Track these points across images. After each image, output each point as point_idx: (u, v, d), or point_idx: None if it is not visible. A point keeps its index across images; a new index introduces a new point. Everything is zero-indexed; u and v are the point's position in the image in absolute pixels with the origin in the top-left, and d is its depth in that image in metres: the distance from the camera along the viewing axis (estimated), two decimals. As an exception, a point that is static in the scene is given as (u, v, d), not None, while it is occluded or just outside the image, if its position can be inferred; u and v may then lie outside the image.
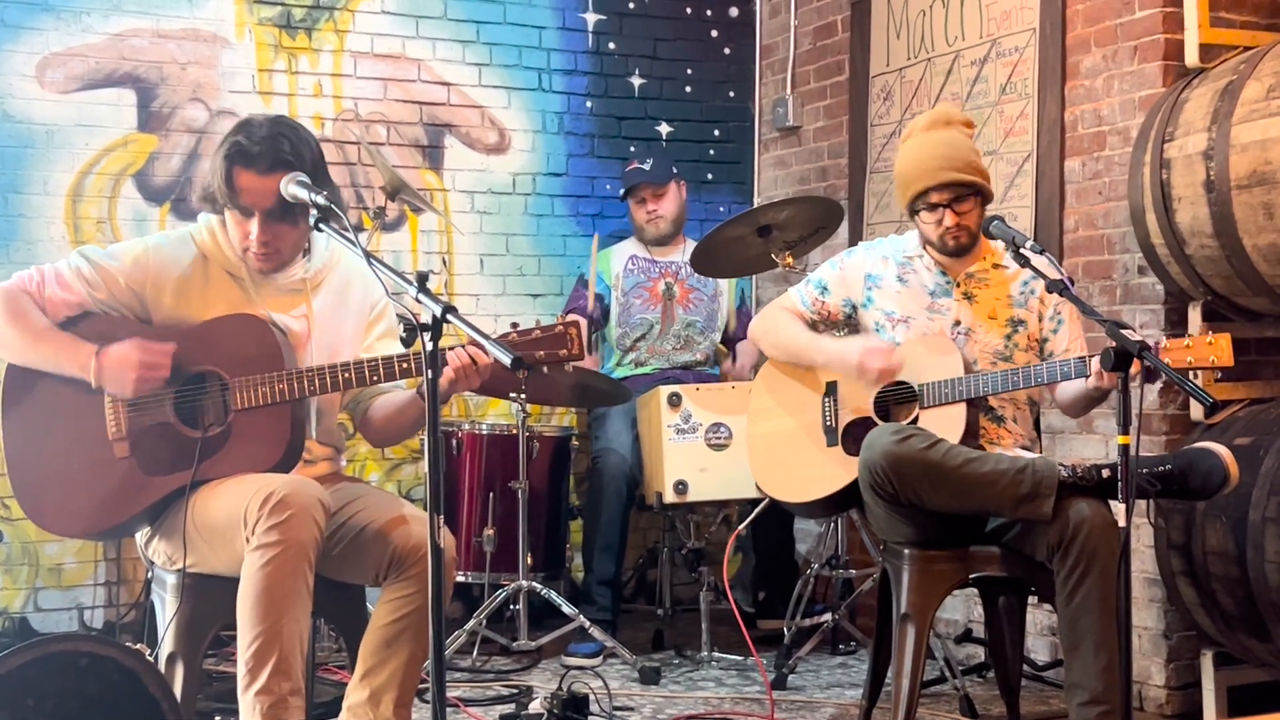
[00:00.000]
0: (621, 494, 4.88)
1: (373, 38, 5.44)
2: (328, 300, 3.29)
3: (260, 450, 3.09)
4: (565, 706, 3.73)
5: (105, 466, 3.12)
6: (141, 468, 3.11)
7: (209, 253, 3.21)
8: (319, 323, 3.26)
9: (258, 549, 2.89)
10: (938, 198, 3.62)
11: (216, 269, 3.21)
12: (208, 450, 3.09)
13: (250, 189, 3.09)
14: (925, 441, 3.37)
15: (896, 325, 3.75)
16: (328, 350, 3.26)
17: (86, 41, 5.01)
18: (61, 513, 3.15)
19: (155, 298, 3.17)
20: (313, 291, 3.27)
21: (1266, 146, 3.66)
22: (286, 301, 3.24)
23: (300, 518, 2.91)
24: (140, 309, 3.19)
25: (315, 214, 2.93)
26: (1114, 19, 4.34)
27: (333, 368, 3.09)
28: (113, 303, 3.17)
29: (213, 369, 3.13)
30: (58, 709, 2.66)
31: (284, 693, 2.89)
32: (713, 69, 6.09)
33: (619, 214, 5.82)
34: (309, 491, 2.96)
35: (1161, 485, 3.36)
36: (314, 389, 3.09)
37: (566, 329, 3.04)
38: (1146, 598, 4.20)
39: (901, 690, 3.46)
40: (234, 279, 3.21)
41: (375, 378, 3.10)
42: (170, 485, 3.09)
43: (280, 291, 3.24)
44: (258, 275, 3.21)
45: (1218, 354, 3.14)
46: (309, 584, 2.94)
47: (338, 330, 3.30)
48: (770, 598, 5.07)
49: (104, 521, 3.16)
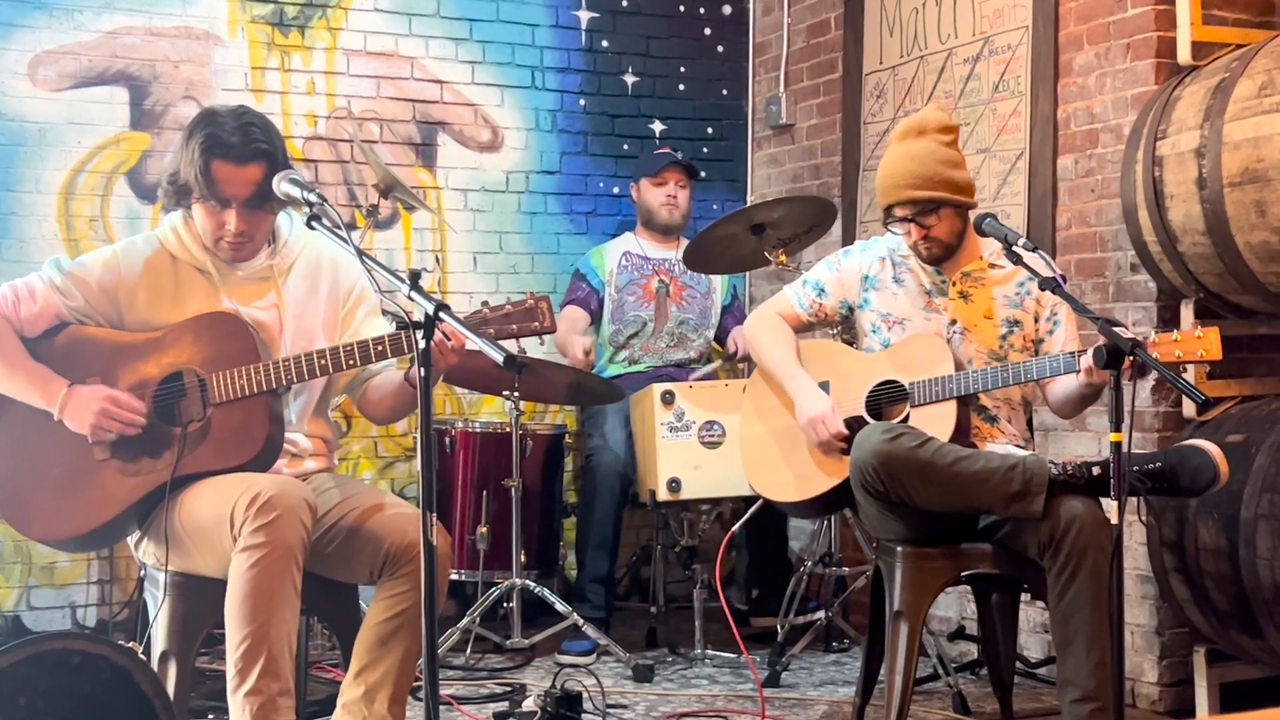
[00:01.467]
0: (615, 492, 4.88)
1: (365, 35, 5.44)
2: (299, 285, 3.31)
3: (239, 444, 3.11)
4: (558, 704, 3.73)
5: (85, 470, 3.15)
6: (121, 469, 3.14)
7: (176, 252, 3.24)
8: (290, 309, 3.28)
9: (244, 550, 2.90)
10: (901, 212, 3.64)
11: (185, 267, 3.24)
12: (188, 446, 3.11)
13: (228, 180, 3.12)
14: (916, 440, 3.37)
15: (893, 327, 3.76)
16: (304, 338, 3.28)
17: (79, 39, 5.00)
18: (46, 519, 3.17)
19: (128, 299, 3.21)
20: (280, 278, 3.28)
21: (1259, 144, 3.66)
22: (255, 290, 3.26)
23: (287, 518, 2.91)
24: (114, 312, 3.22)
25: (308, 211, 2.93)
26: (1106, 16, 4.34)
27: (309, 355, 3.11)
28: (87, 309, 3.21)
29: (189, 367, 3.16)
30: (50, 707, 2.66)
31: (273, 693, 2.90)
32: (706, 67, 6.09)
33: (612, 212, 5.82)
34: (295, 492, 2.97)
35: (1152, 483, 3.36)
36: (291, 377, 3.11)
37: (537, 303, 3.08)
38: (1139, 595, 4.20)
39: (894, 687, 3.46)
40: (202, 274, 3.24)
41: (351, 362, 3.12)
42: (152, 483, 3.11)
43: (248, 280, 3.26)
44: (224, 267, 3.24)
45: (1206, 347, 3.14)
46: (296, 584, 2.95)
47: (311, 316, 3.31)
48: (764, 595, 5.07)
49: (89, 524, 3.16)
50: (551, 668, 4.51)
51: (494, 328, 3.04)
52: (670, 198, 5.35)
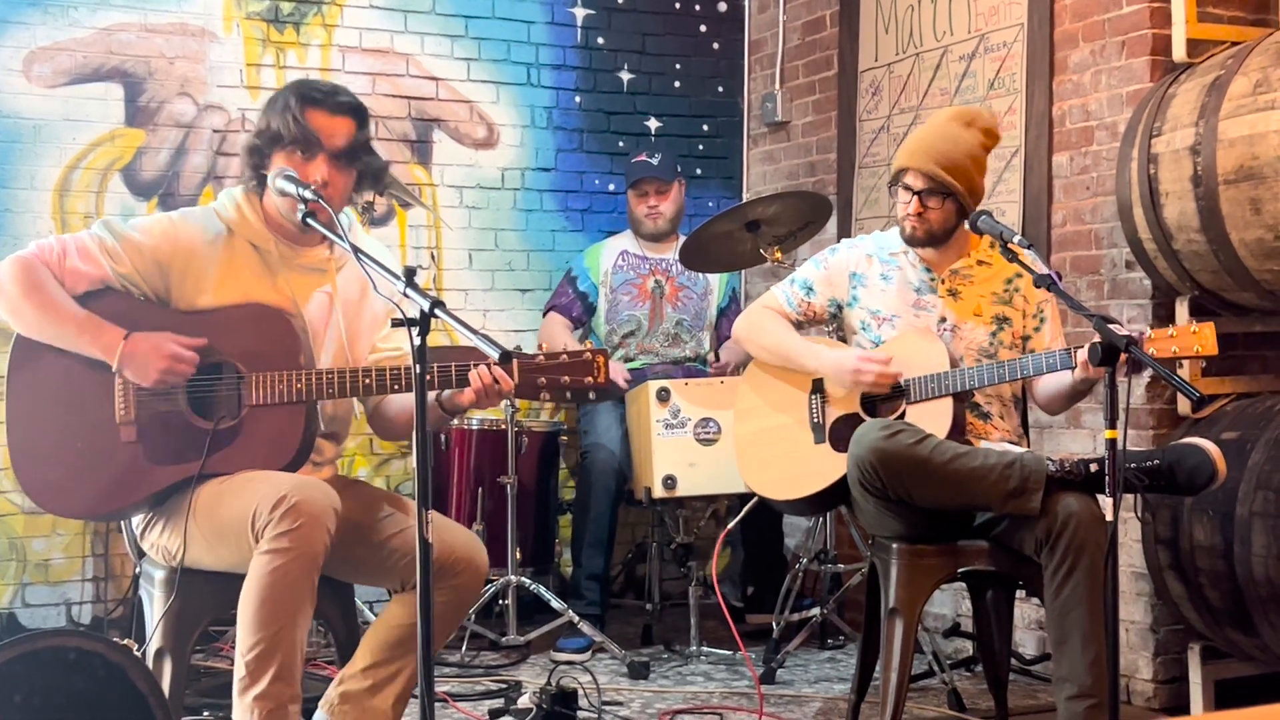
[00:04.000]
0: (610, 489, 4.87)
1: (361, 32, 5.43)
2: (351, 286, 3.24)
3: (271, 449, 3.05)
4: (554, 701, 3.73)
5: (110, 449, 3.05)
6: (147, 454, 3.05)
7: (234, 226, 3.15)
8: (340, 307, 3.21)
9: (267, 553, 2.86)
10: (912, 180, 3.64)
11: (241, 243, 3.15)
12: (217, 444, 3.04)
13: (322, 127, 3.10)
14: (913, 437, 3.37)
15: (882, 324, 3.76)
16: (348, 337, 3.22)
17: (74, 36, 4.99)
18: (60, 492, 3.08)
19: (180, 272, 3.10)
20: (337, 273, 3.23)
21: (1254, 141, 3.66)
22: (310, 281, 3.19)
23: (313, 525, 2.87)
24: (161, 285, 3.11)
25: (302, 209, 2.92)
26: (1102, 14, 4.34)
27: (354, 373, 3.04)
28: (134, 277, 3.09)
29: (229, 360, 3.07)
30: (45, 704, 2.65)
31: (284, 700, 2.87)
32: (701, 64, 6.09)
33: (608, 209, 5.82)
34: (322, 499, 2.91)
35: (1149, 480, 3.36)
36: (332, 392, 3.05)
37: (594, 357, 3.01)
38: (1134, 592, 4.21)
39: (890, 684, 3.47)
40: (259, 251, 3.15)
41: (396, 387, 3.06)
42: (175, 476, 3.04)
43: (304, 270, 3.19)
44: (285, 248, 3.16)
45: (1202, 343, 3.14)
46: (314, 592, 2.91)
47: (358, 316, 3.26)
48: (759, 592, 5.08)
49: (103, 506, 3.11)
50: (547, 665, 4.51)
51: (544, 376, 2.97)
52: (651, 208, 5.33)
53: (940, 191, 3.61)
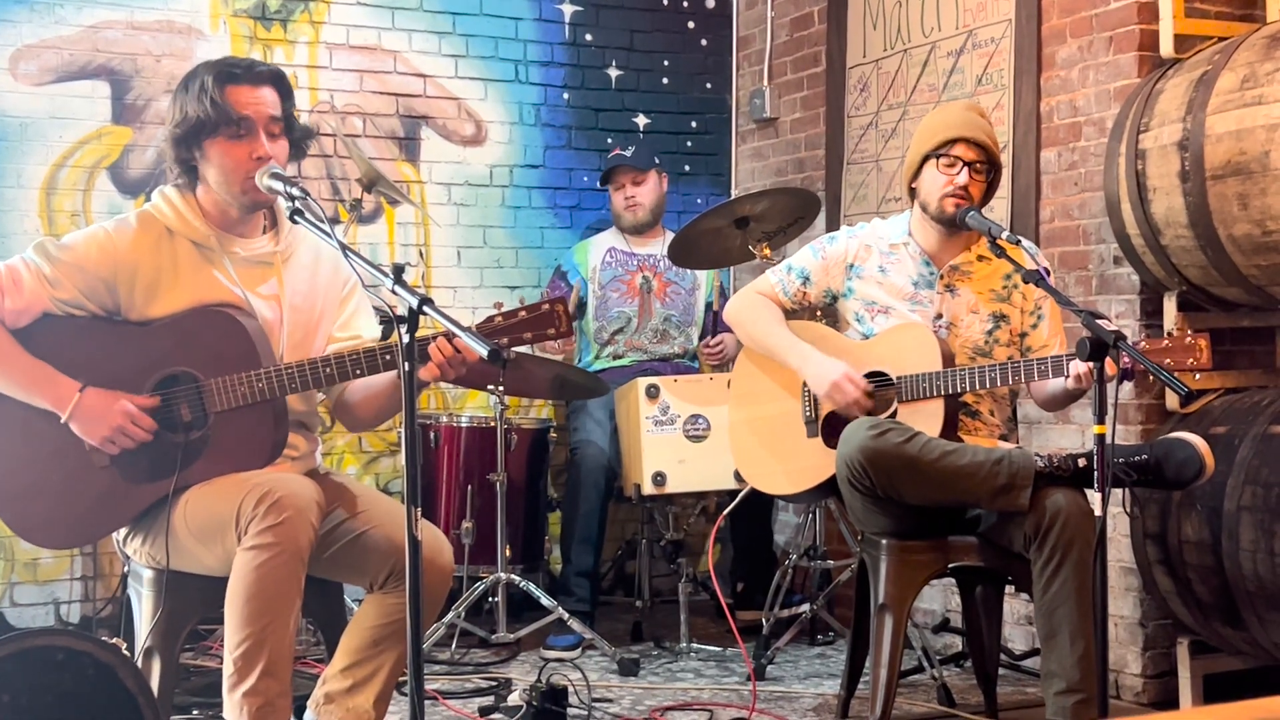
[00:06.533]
0: (600, 486, 4.87)
1: (348, 29, 5.42)
2: (299, 275, 3.20)
3: (244, 452, 3.03)
4: (544, 698, 3.73)
5: (85, 476, 3.04)
6: (123, 476, 3.04)
7: (174, 227, 3.09)
8: (290, 299, 3.17)
9: (251, 549, 2.85)
10: (962, 150, 3.60)
11: (183, 243, 3.09)
12: (190, 455, 3.02)
13: (248, 101, 3.03)
14: (902, 435, 3.37)
15: (876, 315, 3.75)
16: (302, 330, 3.19)
17: (60, 34, 4.98)
18: (47, 524, 3.08)
19: (127, 284, 3.05)
20: (283, 265, 3.18)
21: (1241, 137, 3.67)
22: (256, 274, 3.14)
23: (297, 520, 2.86)
24: (110, 300, 3.06)
25: (290, 206, 2.89)
26: (1089, 10, 4.35)
27: (313, 363, 3.01)
28: (79, 299, 3.04)
29: (185, 369, 3.04)
30: (34, 704, 2.65)
31: (273, 695, 2.86)
32: (690, 60, 6.08)
33: (597, 205, 5.81)
34: (305, 493, 2.91)
35: (1137, 475, 3.37)
36: (294, 386, 3.01)
37: (553, 307, 2.97)
38: (1123, 587, 4.21)
39: (879, 680, 3.47)
40: (201, 249, 3.10)
41: (358, 371, 3.03)
42: (155, 493, 3.03)
43: (249, 263, 3.13)
44: (227, 239, 3.11)
45: (1197, 355, 3.14)
46: (300, 587, 2.90)
47: (310, 309, 3.22)
48: (748, 589, 5.08)
49: (89, 533, 3.14)
50: (537, 662, 4.50)
51: (507, 335, 2.95)
52: (629, 199, 5.35)
53: (987, 167, 3.62)
